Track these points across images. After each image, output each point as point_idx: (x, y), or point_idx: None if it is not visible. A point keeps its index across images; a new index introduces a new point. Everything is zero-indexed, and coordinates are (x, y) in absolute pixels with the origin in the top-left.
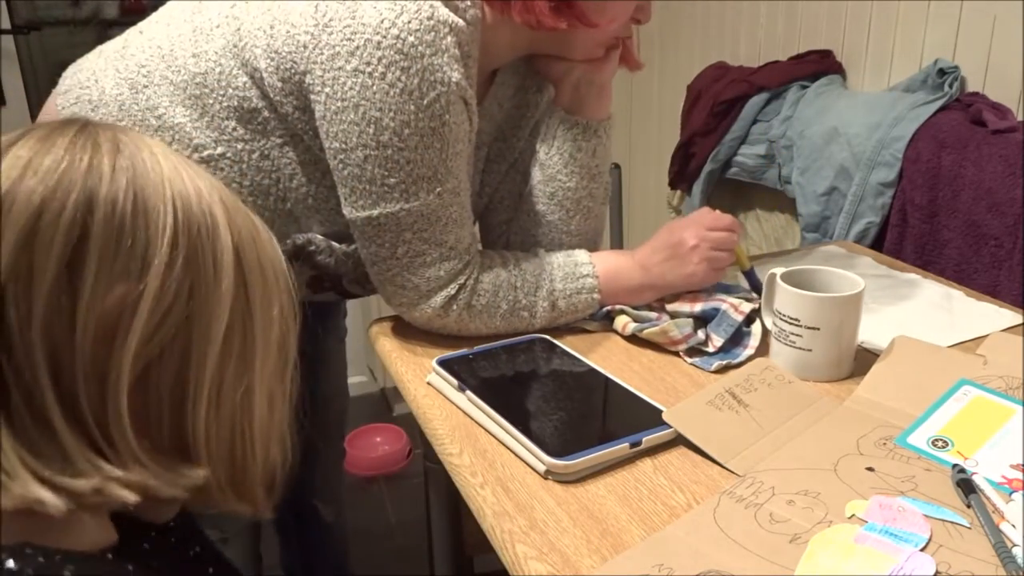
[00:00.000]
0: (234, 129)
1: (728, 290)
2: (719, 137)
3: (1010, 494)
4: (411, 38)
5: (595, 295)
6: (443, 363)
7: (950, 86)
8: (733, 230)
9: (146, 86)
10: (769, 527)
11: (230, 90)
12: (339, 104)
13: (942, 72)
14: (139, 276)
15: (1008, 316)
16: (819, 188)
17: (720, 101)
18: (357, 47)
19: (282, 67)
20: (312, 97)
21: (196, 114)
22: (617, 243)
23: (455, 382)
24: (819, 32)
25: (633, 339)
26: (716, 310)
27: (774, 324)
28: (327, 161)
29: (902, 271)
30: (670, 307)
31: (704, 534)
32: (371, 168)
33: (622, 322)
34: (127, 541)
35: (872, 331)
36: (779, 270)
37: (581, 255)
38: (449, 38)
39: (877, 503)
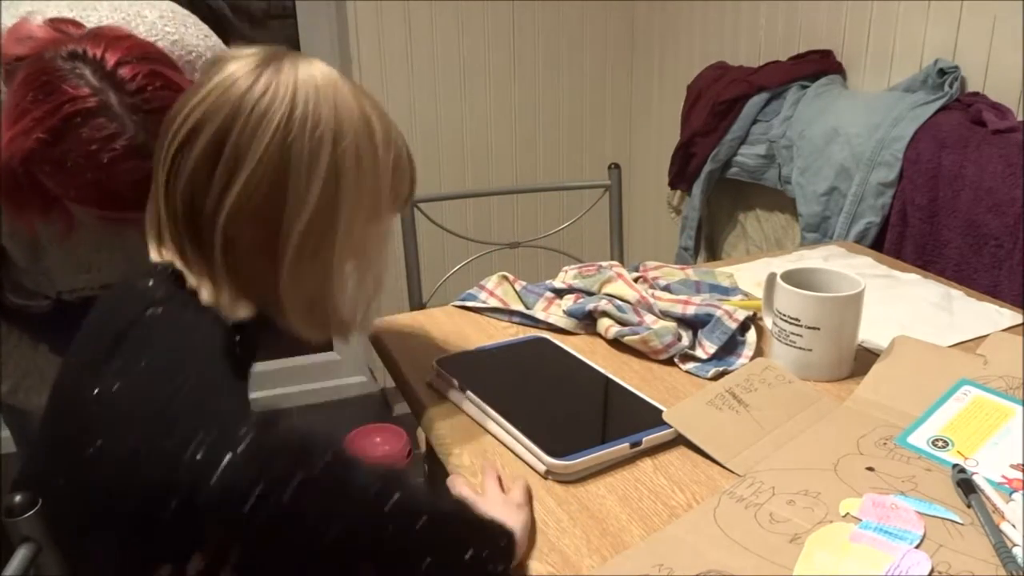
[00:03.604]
0: None
1: (726, 292)
2: (719, 137)
3: (1010, 494)
4: None
5: None
6: (443, 363)
7: (950, 86)
8: None
9: None
10: (769, 527)
11: None
12: None
13: (942, 72)
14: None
15: (1008, 316)
16: (819, 188)
17: (720, 101)
18: None
19: None
20: None
21: None
22: (617, 243)
23: (455, 382)
24: (819, 32)
25: None
26: (709, 316)
27: (774, 324)
28: None
29: (902, 271)
30: (661, 306)
31: (704, 534)
32: None
33: (605, 325)
34: None
35: (872, 331)
36: (779, 270)
37: None
38: None
39: (870, 500)
